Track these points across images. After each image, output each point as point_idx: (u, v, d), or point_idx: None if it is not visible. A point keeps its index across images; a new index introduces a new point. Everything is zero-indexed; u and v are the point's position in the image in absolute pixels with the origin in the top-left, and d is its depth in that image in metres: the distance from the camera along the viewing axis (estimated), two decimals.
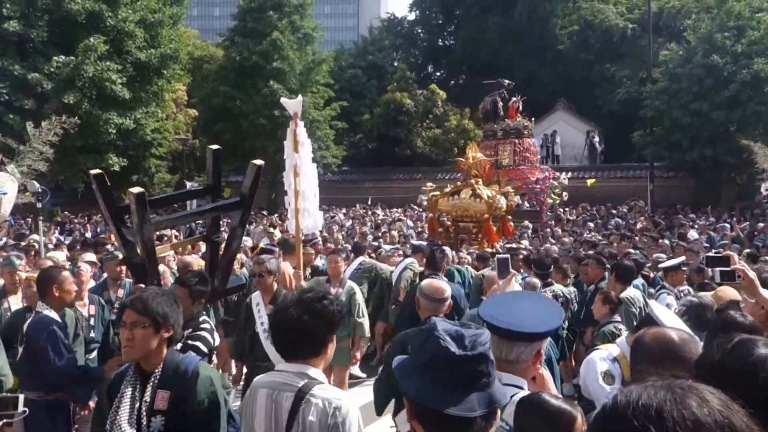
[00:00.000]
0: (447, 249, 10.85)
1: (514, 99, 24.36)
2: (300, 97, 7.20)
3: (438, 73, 45.53)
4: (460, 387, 1.63)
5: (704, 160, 25.29)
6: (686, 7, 33.49)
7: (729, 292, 4.37)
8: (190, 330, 4.22)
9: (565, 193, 23.94)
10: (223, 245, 4.88)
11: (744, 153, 23.66)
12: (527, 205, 22.35)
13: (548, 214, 22.05)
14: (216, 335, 4.47)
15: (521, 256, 9.18)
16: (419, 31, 45.66)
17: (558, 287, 7.64)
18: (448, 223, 14.16)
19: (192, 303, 4.27)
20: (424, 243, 10.98)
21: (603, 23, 36.27)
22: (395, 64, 42.46)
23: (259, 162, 4.70)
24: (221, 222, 5.49)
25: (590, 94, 36.63)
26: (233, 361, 6.98)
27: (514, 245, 12.52)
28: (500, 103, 24.65)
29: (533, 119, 24.63)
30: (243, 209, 4.68)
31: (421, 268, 9.35)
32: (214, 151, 4.74)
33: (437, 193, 14.43)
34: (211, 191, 4.86)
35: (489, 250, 11.52)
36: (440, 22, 44.92)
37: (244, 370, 6.12)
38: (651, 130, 27.40)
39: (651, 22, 28.38)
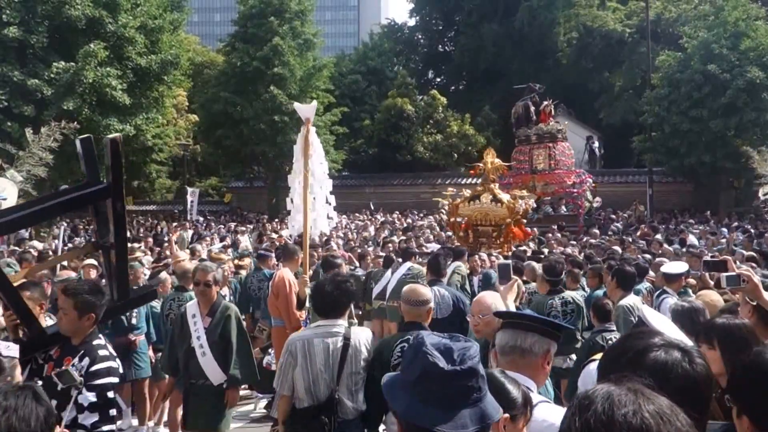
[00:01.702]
0: (483, 254, 11.03)
1: (545, 103, 24.34)
2: (315, 102, 7.19)
3: (438, 79, 45.63)
4: (450, 403, 1.57)
5: (702, 165, 25.37)
6: (684, 15, 33.56)
7: (711, 296, 4.48)
8: (85, 361, 3.36)
9: (597, 199, 23.77)
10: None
11: (742, 158, 23.68)
12: (564, 210, 22.29)
13: (585, 218, 21.96)
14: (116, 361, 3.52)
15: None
16: (419, 37, 45.75)
17: (569, 293, 7.28)
18: (463, 227, 14.30)
19: (79, 317, 3.43)
20: (464, 247, 11.03)
21: (602, 29, 36.34)
22: (395, 69, 42.53)
23: (114, 136, 3.80)
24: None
25: (590, 100, 36.68)
26: None
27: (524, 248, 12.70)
28: (532, 108, 24.49)
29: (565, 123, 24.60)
30: (113, 197, 3.70)
31: (468, 271, 9.55)
32: (111, 140, 3.74)
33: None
34: (102, 191, 3.76)
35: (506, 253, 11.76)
36: (440, 28, 45.02)
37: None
38: (650, 135, 27.46)
39: (649, 29, 28.45)
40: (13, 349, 3.04)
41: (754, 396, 1.76)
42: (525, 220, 14.36)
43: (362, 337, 4.04)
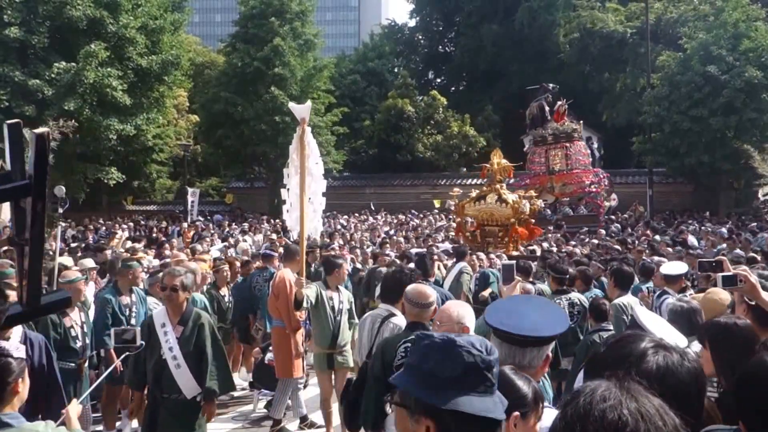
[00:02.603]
0: (481, 254, 11.15)
1: (560, 102, 24.11)
2: (309, 102, 7.15)
3: (438, 80, 45.60)
4: (489, 390, 1.65)
5: (701, 165, 25.40)
6: (684, 16, 33.57)
7: (720, 294, 4.44)
8: None
9: (613, 196, 23.58)
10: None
11: (741, 159, 23.66)
12: (584, 210, 22.16)
13: (605, 217, 21.79)
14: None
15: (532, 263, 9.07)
16: (419, 37, 45.73)
17: (575, 295, 7.09)
18: (473, 227, 14.40)
19: None
20: (465, 247, 11.00)
21: (602, 30, 36.34)
22: (396, 70, 42.51)
23: (41, 130, 3.30)
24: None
25: (590, 101, 36.63)
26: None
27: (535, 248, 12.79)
28: (547, 108, 24.36)
29: (580, 122, 24.43)
30: (34, 196, 3.23)
31: (491, 270, 9.64)
32: (37, 136, 3.04)
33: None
34: (22, 189, 3.43)
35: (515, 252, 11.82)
36: (440, 28, 45.00)
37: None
38: (650, 136, 27.49)
39: (649, 30, 28.44)
40: (21, 351, 2.98)
41: (748, 405, 1.78)
42: (534, 220, 14.45)
43: (398, 324, 4.61)
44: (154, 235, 19.56)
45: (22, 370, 2.88)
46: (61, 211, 11.04)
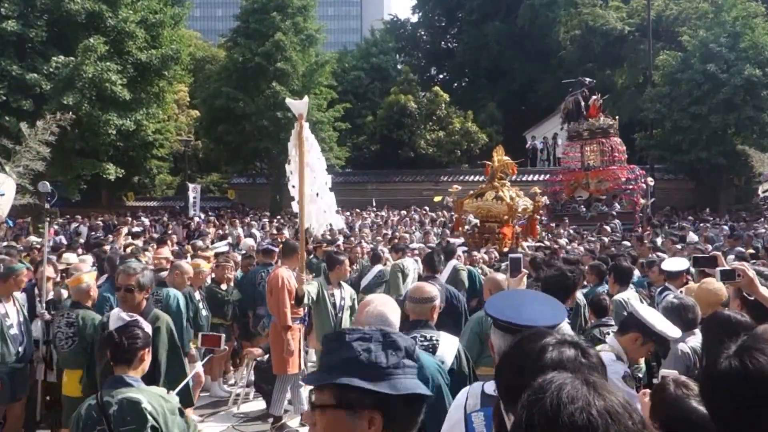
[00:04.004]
0: (475, 252, 11.09)
1: (594, 97, 23.76)
2: (306, 98, 6.99)
3: (441, 76, 45.48)
4: (414, 371, 1.74)
5: (701, 161, 25.58)
6: (684, 13, 33.58)
7: (714, 284, 4.63)
8: None
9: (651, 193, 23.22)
10: None
11: (741, 156, 23.69)
12: (618, 207, 21.76)
13: (640, 215, 21.48)
14: None
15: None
16: (422, 33, 45.70)
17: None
18: (475, 222, 14.43)
19: None
20: (453, 244, 10.97)
21: (603, 28, 36.23)
22: (398, 66, 42.36)
23: None
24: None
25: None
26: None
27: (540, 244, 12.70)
28: (582, 102, 23.87)
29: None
30: None
31: (471, 267, 9.60)
32: None
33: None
34: None
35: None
36: (443, 24, 44.95)
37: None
38: (651, 132, 27.49)
39: (650, 28, 28.34)
40: (149, 327, 3.58)
41: (712, 403, 1.61)
42: (538, 217, 14.63)
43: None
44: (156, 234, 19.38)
45: (148, 343, 3.43)
46: (47, 206, 10.86)
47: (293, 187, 6.62)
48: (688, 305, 4.32)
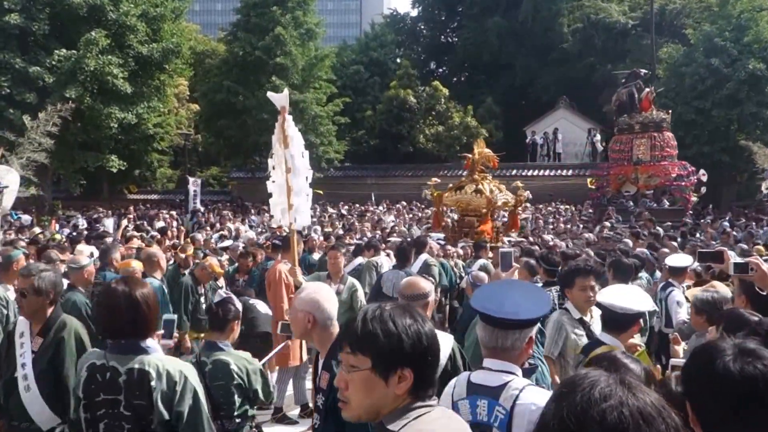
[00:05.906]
0: (449, 246, 11.04)
1: (647, 90, 23.15)
2: (286, 90, 7.02)
3: (440, 70, 45.42)
4: None
5: (704, 156, 25.43)
6: (688, 6, 33.41)
7: (720, 288, 4.54)
8: None
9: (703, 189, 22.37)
10: None
11: (744, 152, 23.64)
12: (667, 204, 21.31)
13: (690, 213, 20.83)
14: None
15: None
16: (422, 27, 45.53)
17: None
18: (455, 216, 14.24)
19: None
20: (425, 238, 10.80)
21: (605, 21, 36.17)
22: (398, 60, 42.32)
23: None
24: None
25: (593, 93, 36.51)
26: None
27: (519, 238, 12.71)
28: (636, 95, 23.25)
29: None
30: None
31: (443, 260, 9.68)
32: None
33: (431, 190, 14.34)
34: None
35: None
36: (443, 19, 44.78)
37: None
38: None
39: (653, 21, 28.25)
40: (238, 303, 4.23)
41: (694, 395, 1.66)
42: (520, 210, 14.30)
43: None
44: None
45: (238, 316, 4.06)
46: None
47: (273, 182, 6.63)
48: (727, 298, 4.26)
